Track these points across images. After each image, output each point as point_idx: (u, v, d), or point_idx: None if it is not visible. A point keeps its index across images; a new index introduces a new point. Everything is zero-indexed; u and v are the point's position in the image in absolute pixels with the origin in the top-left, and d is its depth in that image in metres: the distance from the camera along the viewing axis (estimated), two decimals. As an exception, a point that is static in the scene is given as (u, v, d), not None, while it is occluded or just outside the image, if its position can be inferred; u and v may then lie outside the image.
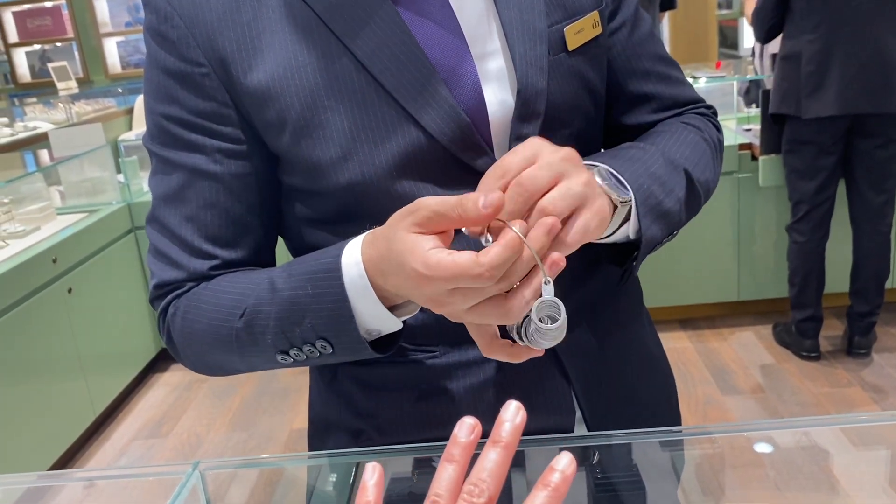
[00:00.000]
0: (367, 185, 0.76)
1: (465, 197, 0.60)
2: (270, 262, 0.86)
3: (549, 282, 0.63)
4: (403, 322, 0.73)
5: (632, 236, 0.77)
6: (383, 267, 0.66)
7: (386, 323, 0.72)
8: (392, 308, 0.71)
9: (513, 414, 0.50)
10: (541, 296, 0.63)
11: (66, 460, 3.01)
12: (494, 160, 0.78)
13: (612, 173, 0.74)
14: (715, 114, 0.95)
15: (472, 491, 0.47)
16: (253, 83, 0.75)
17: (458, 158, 0.76)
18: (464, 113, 0.75)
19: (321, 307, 0.71)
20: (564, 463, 0.48)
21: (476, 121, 0.77)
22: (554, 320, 0.64)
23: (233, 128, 0.77)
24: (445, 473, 0.49)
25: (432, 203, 0.61)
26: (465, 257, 0.59)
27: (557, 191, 0.64)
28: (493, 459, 0.48)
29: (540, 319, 0.64)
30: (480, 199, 0.59)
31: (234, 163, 0.78)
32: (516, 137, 0.78)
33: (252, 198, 0.81)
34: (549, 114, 0.79)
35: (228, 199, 0.79)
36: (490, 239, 0.62)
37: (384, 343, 0.75)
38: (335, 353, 0.74)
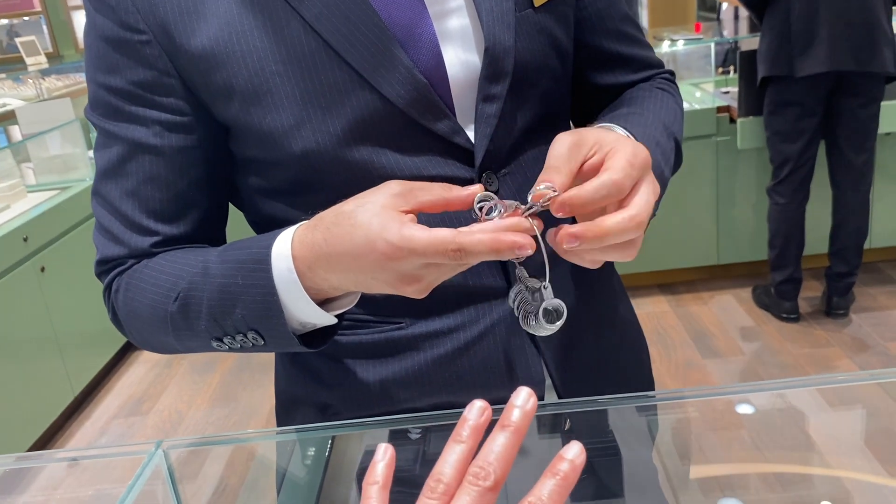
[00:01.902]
0: (322, 153, 0.73)
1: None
2: (218, 237, 0.84)
3: (548, 286, 0.67)
4: (339, 315, 0.72)
5: None
6: (328, 251, 0.64)
7: (318, 317, 0.70)
8: (328, 301, 0.70)
9: (524, 400, 0.48)
10: (542, 298, 0.68)
11: (45, 440, 2.98)
12: (456, 123, 0.75)
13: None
14: (675, 78, 0.95)
15: (477, 473, 0.45)
16: (197, 49, 0.71)
17: (417, 122, 0.74)
18: (421, 74, 0.73)
19: (250, 299, 0.69)
20: (574, 452, 0.46)
21: (434, 82, 0.74)
22: (558, 318, 0.68)
23: (175, 98, 0.74)
24: (452, 455, 0.47)
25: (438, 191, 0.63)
26: (442, 232, 0.59)
27: (629, 213, 0.63)
28: (501, 443, 0.46)
29: (545, 318, 0.68)
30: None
31: (176, 136, 0.75)
32: (484, 98, 0.76)
33: (196, 172, 0.78)
34: (517, 73, 0.77)
35: (171, 174, 0.76)
36: (479, 213, 0.63)
37: (320, 335, 0.73)
38: (267, 345, 0.72)
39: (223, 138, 0.78)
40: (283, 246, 0.67)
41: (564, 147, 0.64)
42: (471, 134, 0.77)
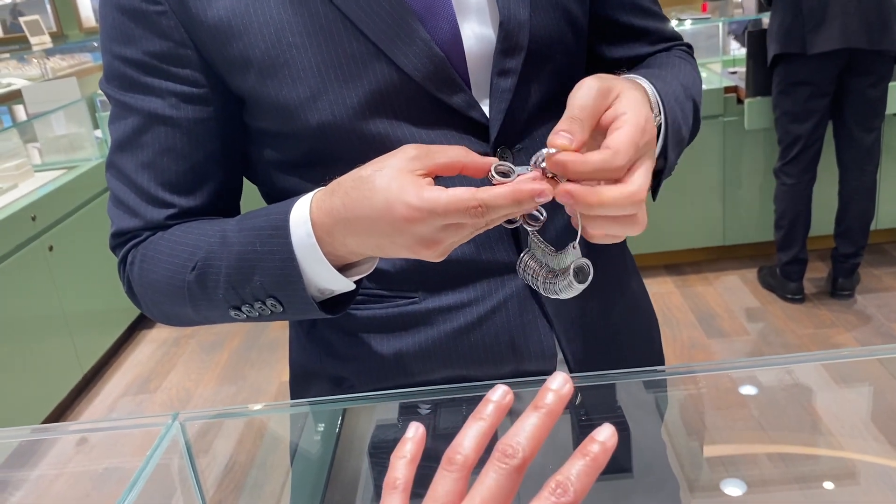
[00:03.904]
0: (338, 126, 0.74)
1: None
2: (233, 209, 0.84)
3: (577, 246, 0.66)
4: (358, 282, 0.72)
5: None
6: (346, 216, 0.64)
7: (337, 283, 0.70)
8: (346, 267, 0.70)
9: (559, 384, 0.47)
10: (573, 256, 0.67)
11: (54, 418, 3.01)
12: (471, 98, 0.76)
13: (657, 97, 0.73)
14: (692, 51, 0.95)
15: (505, 451, 0.44)
16: (213, 20, 0.72)
17: (434, 96, 0.74)
18: (438, 48, 0.73)
19: (269, 265, 0.69)
20: (606, 435, 0.45)
21: (451, 56, 0.74)
22: (585, 278, 0.67)
23: (191, 70, 0.74)
24: (472, 430, 0.46)
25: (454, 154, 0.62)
26: (461, 191, 0.59)
27: (628, 190, 0.62)
28: (532, 423, 0.45)
29: (576, 277, 0.67)
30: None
31: (192, 108, 0.75)
32: (499, 73, 0.76)
33: (212, 144, 0.78)
34: (532, 47, 0.77)
35: (186, 146, 0.77)
36: (496, 177, 0.62)
37: (338, 302, 0.73)
38: (286, 312, 0.72)
39: (239, 111, 0.78)
40: (302, 211, 0.67)
41: (590, 97, 0.62)
42: (486, 108, 0.77)
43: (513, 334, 0.83)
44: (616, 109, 0.64)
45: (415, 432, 0.50)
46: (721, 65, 3.67)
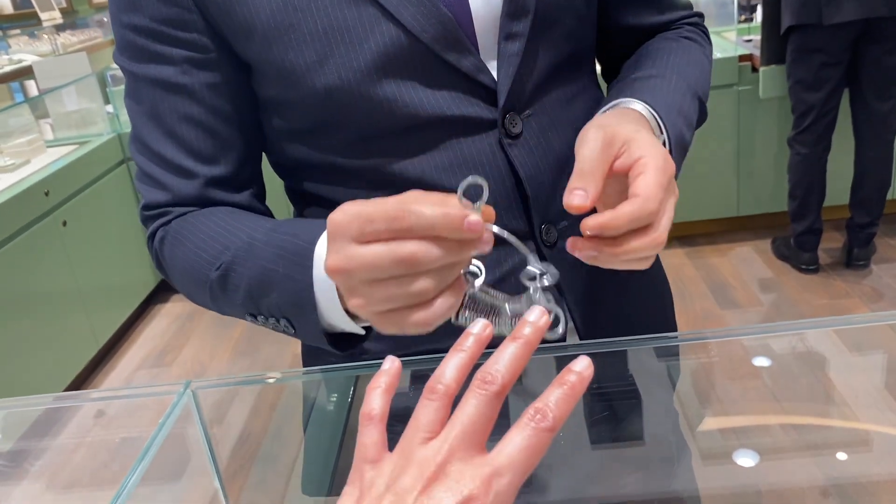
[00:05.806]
0: (346, 90, 0.73)
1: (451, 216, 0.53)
2: (256, 175, 0.84)
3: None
4: (368, 328, 0.68)
5: None
6: None
7: (346, 325, 0.67)
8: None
9: (536, 316, 0.48)
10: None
11: (71, 391, 3.05)
12: (480, 61, 0.75)
13: (655, 118, 0.74)
14: (703, 21, 0.94)
15: (485, 377, 0.45)
16: None
17: (442, 58, 0.73)
18: (445, 8, 0.72)
19: (287, 289, 0.67)
20: (583, 365, 0.46)
21: (459, 17, 0.73)
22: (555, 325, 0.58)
23: (199, 34, 0.74)
24: (453, 360, 0.47)
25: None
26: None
27: (653, 235, 0.62)
28: (510, 352, 0.46)
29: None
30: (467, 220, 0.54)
31: (203, 73, 0.75)
32: (506, 36, 0.75)
33: (228, 109, 0.77)
34: (539, 11, 0.76)
35: (203, 112, 0.76)
36: (463, 199, 0.55)
37: (347, 340, 0.70)
38: (297, 335, 0.71)
39: (248, 77, 0.78)
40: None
41: (595, 150, 0.63)
42: (495, 73, 0.76)
43: (523, 303, 0.83)
44: (631, 155, 0.64)
45: (390, 365, 0.51)
46: (736, 33, 3.62)
